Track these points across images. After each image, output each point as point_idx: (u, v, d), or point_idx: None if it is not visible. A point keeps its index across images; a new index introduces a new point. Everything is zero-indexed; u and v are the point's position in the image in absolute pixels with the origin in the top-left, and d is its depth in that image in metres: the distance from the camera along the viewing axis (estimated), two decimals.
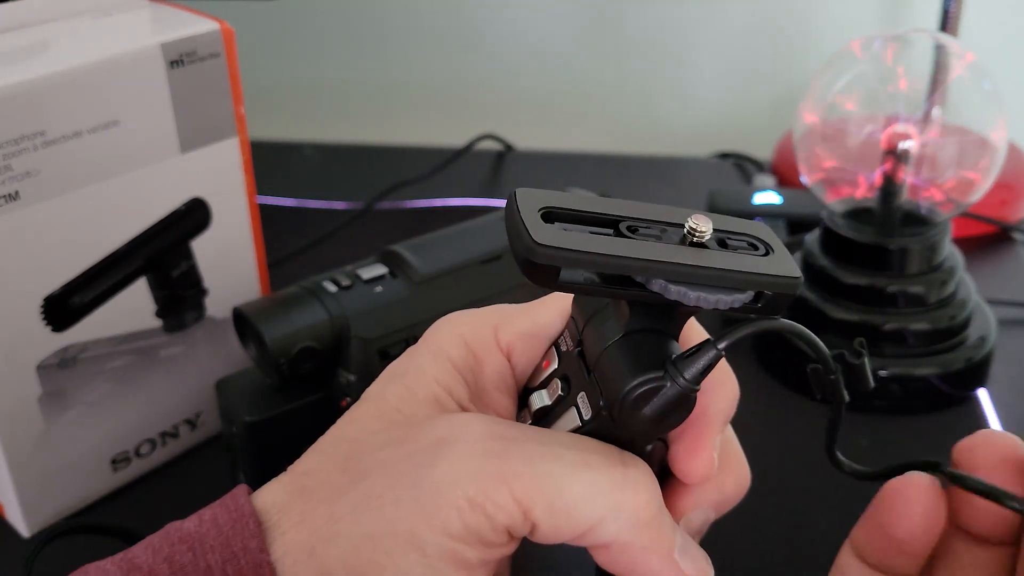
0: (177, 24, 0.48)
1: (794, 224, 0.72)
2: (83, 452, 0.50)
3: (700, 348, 0.27)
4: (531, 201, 0.27)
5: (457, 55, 0.98)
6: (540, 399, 0.31)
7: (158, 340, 0.51)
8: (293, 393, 0.47)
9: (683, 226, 0.28)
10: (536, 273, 0.26)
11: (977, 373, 0.58)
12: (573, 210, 0.28)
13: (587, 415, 0.29)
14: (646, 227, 0.28)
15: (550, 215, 0.27)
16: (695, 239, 0.27)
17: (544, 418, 0.31)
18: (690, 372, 0.27)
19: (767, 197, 0.75)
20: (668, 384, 0.27)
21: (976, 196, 0.58)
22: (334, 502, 0.29)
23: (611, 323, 0.29)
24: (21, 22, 0.48)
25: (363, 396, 0.32)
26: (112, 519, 0.50)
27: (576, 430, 0.30)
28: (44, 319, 0.46)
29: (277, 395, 0.47)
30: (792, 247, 0.62)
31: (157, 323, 0.51)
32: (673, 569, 0.29)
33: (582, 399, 0.30)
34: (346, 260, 0.51)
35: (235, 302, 0.48)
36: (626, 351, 0.28)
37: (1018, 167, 0.77)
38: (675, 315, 0.29)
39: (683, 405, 0.28)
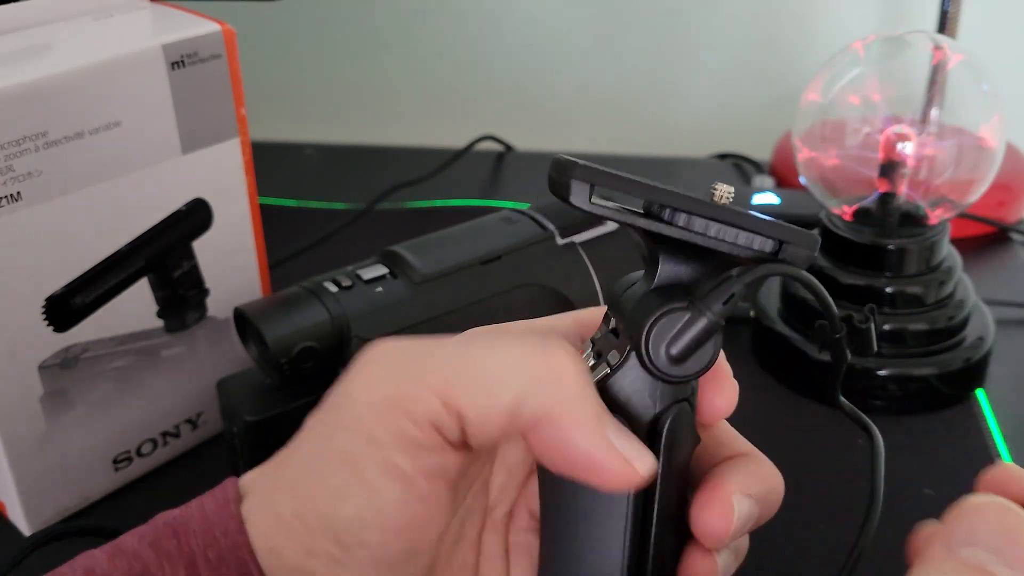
0: (178, 25, 0.48)
1: (792, 225, 0.72)
2: (84, 452, 0.50)
3: (722, 282, 0.28)
4: (571, 158, 0.29)
5: (457, 56, 0.99)
6: None
7: (159, 340, 0.52)
8: (294, 393, 0.47)
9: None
10: (572, 192, 0.28)
11: (975, 373, 0.58)
12: (608, 171, 0.29)
13: (615, 361, 0.30)
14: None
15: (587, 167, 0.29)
16: (720, 200, 0.29)
17: None
18: (714, 304, 0.28)
19: (766, 198, 0.75)
20: (692, 313, 0.28)
21: (974, 197, 0.58)
22: (287, 456, 0.31)
23: (639, 289, 0.30)
24: (23, 23, 0.48)
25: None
26: (113, 518, 0.51)
27: (604, 378, 0.30)
28: (46, 319, 0.46)
29: (278, 395, 0.47)
30: None
31: (159, 323, 0.51)
32: (605, 446, 0.27)
33: (612, 354, 0.30)
34: (347, 260, 0.51)
35: (236, 302, 0.48)
36: (652, 297, 0.29)
37: (1016, 168, 0.77)
38: (701, 272, 0.30)
39: (708, 338, 0.28)
